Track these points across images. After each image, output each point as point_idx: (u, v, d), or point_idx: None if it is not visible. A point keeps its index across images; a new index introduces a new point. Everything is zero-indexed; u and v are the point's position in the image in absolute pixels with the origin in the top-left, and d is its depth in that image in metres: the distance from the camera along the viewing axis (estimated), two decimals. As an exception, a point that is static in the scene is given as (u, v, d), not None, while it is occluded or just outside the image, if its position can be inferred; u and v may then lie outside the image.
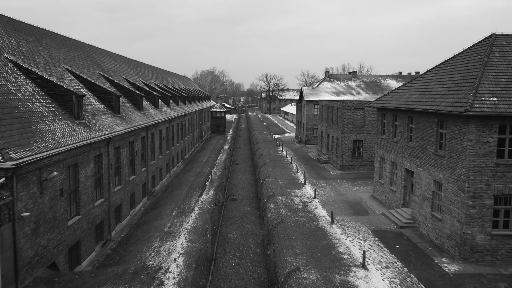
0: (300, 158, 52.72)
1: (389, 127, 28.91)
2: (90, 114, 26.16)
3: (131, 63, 55.52)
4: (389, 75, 72.98)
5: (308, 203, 30.49)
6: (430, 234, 22.44)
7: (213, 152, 59.72)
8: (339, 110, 43.81)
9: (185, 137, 59.93)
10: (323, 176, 40.93)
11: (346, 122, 42.79)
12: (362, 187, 35.91)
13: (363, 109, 42.73)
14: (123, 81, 42.51)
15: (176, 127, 52.08)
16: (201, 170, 45.10)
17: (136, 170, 33.17)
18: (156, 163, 40.49)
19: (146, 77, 56.99)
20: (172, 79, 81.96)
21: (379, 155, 31.09)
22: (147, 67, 64.83)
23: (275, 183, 37.31)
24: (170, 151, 47.50)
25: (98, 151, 24.64)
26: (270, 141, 72.37)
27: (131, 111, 35.31)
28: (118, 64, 48.07)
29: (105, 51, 46.48)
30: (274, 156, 54.55)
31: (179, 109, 56.04)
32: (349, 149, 43.11)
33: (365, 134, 42.93)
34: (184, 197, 32.51)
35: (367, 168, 43.29)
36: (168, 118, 45.09)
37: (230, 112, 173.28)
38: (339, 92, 68.74)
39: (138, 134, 34.10)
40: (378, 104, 30.01)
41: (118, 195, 28.38)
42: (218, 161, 50.41)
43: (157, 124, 40.49)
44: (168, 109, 49.89)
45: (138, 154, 33.99)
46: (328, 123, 49.58)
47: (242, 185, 36.34)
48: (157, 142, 41.17)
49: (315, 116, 66.88)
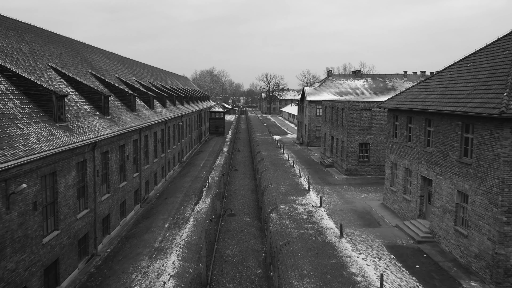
0: (303, 162, 50.26)
1: (402, 130, 26.45)
2: (74, 116, 23.70)
3: (126, 62, 53.07)
4: (393, 74, 70.53)
5: (314, 212, 28.02)
6: (453, 252, 19.95)
7: (211, 154, 57.25)
8: (345, 111, 41.36)
9: (182, 139, 57.48)
10: (328, 182, 38.46)
11: (352, 124, 40.33)
12: (371, 194, 33.42)
13: (370, 110, 40.27)
14: (115, 80, 40.05)
15: (172, 128, 49.63)
16: (198, 174, 42.62)
17: (127, 176, 30.71)
18: (150, 168, 38.03)
19: (141, 76, 54.54)
20: (169, 78, 79.48)
21: (390, 160, 28.62)
22: (143, 66, 62.37)
23: (277, 189, 34.85)
24: (166, 154, 45.04)
25: (81, 157, 22.18)
26: (270, 143, 69.91)
27: (122, 112, 32.85)
28: (111, 62, 45.61)
29: (97, 49, 44.00)
30: (275, 159, 52.09)
31: (176, 110, 53.59)
32: (355, 152, 40.65)
33: (372, 136, 40.46)
34: (179, 206, 30.02)
35: (374, 173, 40.82)
36: (164, 119, 42.63)
37: (229, 113, 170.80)
38: (342, 92, 66.29)
39: (130, 137, 31.64)
40: (390, 105, 27.54)
41: (106, 204, 25.91)
42: (216, 165, 47.93)
43: (151, 126, 38.03)
44: (164, 110, 47.43)
45: (130, 159, 31.52)
46: (332, 124, 47.13)
47: (242, 192, 33.87)
48: (152, 145, 38.71)
49: (318, 117, 64.40)
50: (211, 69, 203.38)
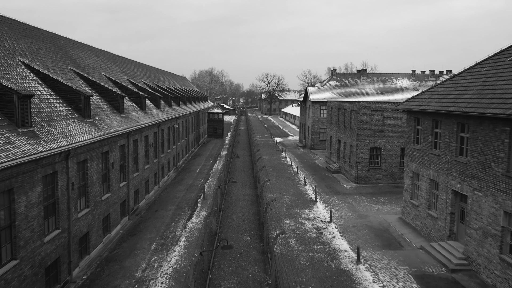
0: (307, 167, 46.74)
1: (426, 135, 22.94)
2: (44, 120, 20.22)
3: (118, 60, 49.56)
4: (401, 73, 67.01)
5: (323, 229, 24.51)
6: (498, 285, 16.45)
7: (209, 159, 53.71)
8: (354, 112, 37.85)
9: (178, 142, 53.99)
10: (336, 190, 34.93)
11: (362, 127, 36.82)
12: (385, 205, 29.90)
13: (381, 111, 36.76)
14: (103, 79, 36.56)
15: (167, 131, 46.14)
16: (193, 182, 39.06)
17: (112, 186, 27.22)
18: (141, 175, 34.53)
19: (134, 75, 51.04)
20: (166, 78, 75.94)
21: (410, 170, 25.10)
22: (137, 65, 58.85)
23: (280, 199, 31.35)
24: (159, 159, 41.55)
25: (50, 168, 18.68)
26: (271, 146, 66.40)
27: (108, 114, 29.38)
28: (101, 60, 42.11)
29: (85, 45, 40.46)
30: (277, 164, 48.57)
31: (171, 111, 50.11)
32: (366, 158, 37.13)
33: (384, 140, 36.95)
34: (169, 221, 26.48)
35: (387, 180, 37.30)
36: (157, 121, 39.15)
37: (229, 113, 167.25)
38: (347, 92, 62.78)
39: (115, 143, 28.15)
40: (411, 106, 24.03)
41: (84, 221, 22.42)
42: (214, 171, 44.38)
43: (141, 129, 34.54)
44: (158, 111, 43.96)
45: (115, 167, 28.03)
46: (339, 127, 43.62)
47: (241, 204, 30.35)
48: (142, 150, 35.22)
49: (322, 119, 60.90)
50: (210, 69, 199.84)
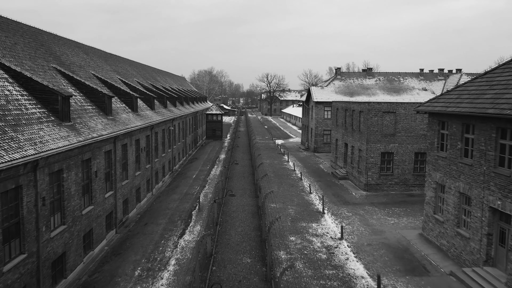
0: (311, 172, 43.68)
1: (454, 141, 19.91)
2: (9, 125, 17.22)
3: (110, 58, 46.49)
4: (408, 72, 63.97)
5: (334, 248, 21.46)
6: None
7: (206, 163, 50.64)
8: (363, 114, 34.80)
9: (174, 145, 50.98)
10: (344, 200, 31.88)
11: (372, 130, 33.77)
12: (402, 218, 26.83)
13: (394, 113, 33.71)
14: (90, 78, 33.53)
15: (161, 134, 43.09)
16: (188, 190, 35.96)
17: (95, 198, 24.20)
18: (131, 183, 31.51)
19: (127, 74, 47.99)
20: (163, 78, 72.90)
21: (434, 180, 22.04)
22: (131, 63, 55.79)
23: (283, 210, 28.31)
24: (152, 165, 38.52)
25: (12, 182, 15.67)
26: (273, 148, 63.36)
27: (92, 116, 26.37)
28: (90, 58, 39.07)
29: (73, 42, 37.42)
30: (279, 168, 45.51)
31: (167, 113, 47.09)
32: (376, 163, 34.07)
33: (397, 144, 33.89)
34: (159, 238, 23.40)
35: (399, 188, 34.24)
36: (149, 124, 36.13)
37: (229, 114, 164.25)
38: (353, 92, 59.74)
39: (99, 149, 25.12)
40: (435, 108, 20.98)
41: (59, 240, 19.41)
42: (211, 177, 41.30)
43: (132, 132, 31.54)
44: (151, 113, 40.94)
45: (99, 176, 25.00)
46: (347, 129, 40.57)
47: (241, 216, 27.31)
48: (132, 156, 32.18)
49: (326, 120, 57.85)
50: (210, 69, 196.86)
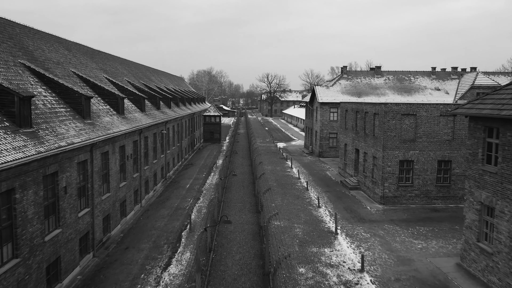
0: (318, 180, 39.55)
1: (510, 154, 15.80)
2: None
3: (97, 56, 42.35)
4: (419, 71, 59.86)
5: (355, 285, 17.31)
6: None
7: (202, 170, 46.48)
8: (379, 117, 30.68)
9: (168, 150, 46.91)
10: (359, 216, 27.76)
11: (389, 135, 29.65)
12: (430, 241, 22.64)
13: (414, 115, 29.59)
14: (68, 76, 29.45)
15: (152, 138, 39.02)
16: (180, 203, 31.77)
17: (64, 219, 20.12)
18: (114, 196, 27.45)
19: (116, 73, 43.91)
20: (158, 78, 68.76)
21: (477, 200, 17.92)
22: (122, 62, 51.64)
23: (289, 230, 24.20)
24: (141, 173, 34.46)
25: None
26: (274, 152, 59.23)
27: (64, 121, 22.31)
28: (72, 54, 34.99)
29: (52, 37, 33.28)
30: (283, 176, 41.37)
31: (160, 115, 43.05)
32: (394, 173, 29.94)
33: (417, 152, 29.76)
34: (139, 271, 19.13)
35: (420, 201, 30.12)
36: (137, 128, 32.08)
37: (228, 115, 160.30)
38: (360, 93, 55.63)
39: (70, 159, 21.03)
40: (482, 111, 16.86)
41: (9, 278, 15.33)
42: (207, 187, 37.11)
43: (115, 138, 27.50)
44: (141, 115, 36.89)
45: (70, 191, 20.93)
46: (357, 134, 36.44)
47: (239, 239, 23.14)
48: (116, 165, 28.11)
49: (332, 122, 53.74)
50: (209, 69, 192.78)
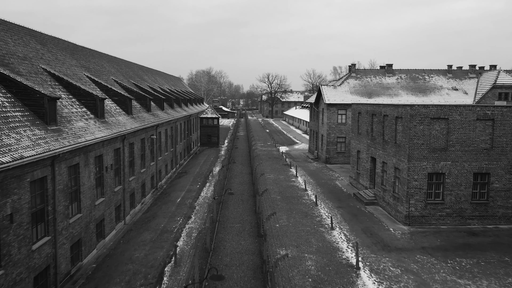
0: (327, 192, 34.80)
1: None
2: None
3: (79, 52, 37.61)
4: (434, 69, 55.11)
5: None
6: None
7: (197, 179, 41.72)
8: (403, 121, 25.95)
9: (159, 156, 42.24)
10: (382, 241, 22.99)
11: (416, 143, 24.93)
12: (480, 281, 17.77)
13: (445, 119, 24.87)
14: (36, 73, 24.79)
15: (139, 145, 34.33)
16: (167, 224, 26.90)
17: (8, 256, 15.45)
18: (88, 216, 22.77)
19: (101, 71, 39.20)
20: (152, 77, 64.04)
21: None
22: (110, 60, 46.90)
23: (299, 264, 19.45)
24: (125, 185, 29.80)
25: None
26: (277, 158, 54.50)
27: (15, 128, 17.78)
28: (47, 49, 30.31)
29: (23, 29, 28.52)
30: (287, 187, 36.63)
31: (150, 117, 38.40)
32: (421, 188, 25.21)
33: (449, 162, 25.05)
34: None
35: (452, 221, 25.40)
36: (120, 133, 27.41)
37: (227, 116, 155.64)
38: (371, 93, 50.89)
39: (19, 178, 16.39)
40: None
41: None
42: (200, 201, 32.30)
43: (88, 147, 22.84)
44: (127, 118, 32.26)
45: (18, 219, 16.25)
46: (374, 140, 31.71)
47: (235, 277, 18.41)
48: (90, 179, 23.43)
49: (340, 126, 49.01)
50: (208, 69, 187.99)
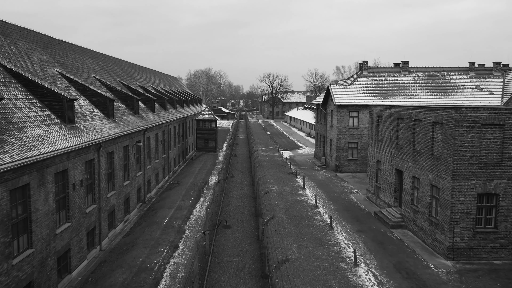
0: (342, 210, 29.53)
1: None
2: None
3: (55, 46, 32.21)
4: (454, 67, 49.84)
5: None
6: None
7: (190, 192, 36.39)
8: (445, 127, 20.65)
9: (148, 164, 37.05)
10: (423, 285, 17.73)
11: (463, 156, 19.67)
12: None
13: (500, 126, 19.62)
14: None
15: (121, 154, 29.10)
16: (147, 256, 21.40)
17: None
18: (42, 251, 17.53)
19: (80, 68, 33.82)
20: (145, 76, 58.62)
21: None
22: (95, 56, 41.45)
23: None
24: (101, 204, 24.57)
25: None
26: (280, 165, 49.23)
27: None
28: (11, 42, 25.17)
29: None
30: (294, 202, 31.35)
31: (136, 121, 33.20)
32: (469, 212, 19.94)
33: (505, 181, 19.79)
34: None
35: (508, 255, 20.09)
36: (91, 142, 22.14)
37: (227, 118, 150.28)
38: (386, 93, 45.62)
39: None
40: None
41: None
42: (192, 222, 26.91)
43: (41, 162, 17.57)
44: (105, 123, 27.04)
45: None
46: (401, 149, 26.45)
47: None
48: (47, 203, 18.15)
49: (352, 130, 43.79)
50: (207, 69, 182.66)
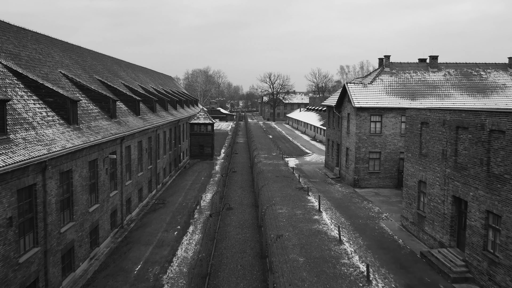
0: (376, 249, 22.40)
1: None
2: None
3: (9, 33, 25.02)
4: (491, 63, 42.79)
5: None
6: None
7: (177, 217, 29.14)
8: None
9: (127, 180, 30.02)
10: None
11: None
12: None
13: None
14: None
15: (87, 170, 21.94)
16: None
17: None
18: None
19: (41, 62, 26.79)
20: (132, 74, 51.36)
21: None
22: (68, 49, 34.21)
23: None
24: (47, 244, 17.45)
25: None
26: (286, 177, 42.10)
27: None
28: None
29: None
30: (310, 233, 24.21)
31: (110, 127, 26.20)
32: None
33: None
34: None
35: None
36: (30, 161, 15.02)
37: (226, 119, 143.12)
38: (413, 93, 38.51)
39: None
40: None
41: None
42: (174, 270, 19.50)
43: None
44: (60, 131, 20.00)
45: None
46: (462, 170, 19.32)
47: None
48: None
49: (373, 137, 36.72)
50: (206, 68, 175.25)
